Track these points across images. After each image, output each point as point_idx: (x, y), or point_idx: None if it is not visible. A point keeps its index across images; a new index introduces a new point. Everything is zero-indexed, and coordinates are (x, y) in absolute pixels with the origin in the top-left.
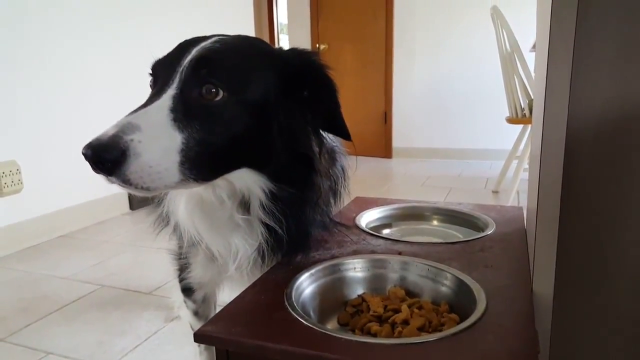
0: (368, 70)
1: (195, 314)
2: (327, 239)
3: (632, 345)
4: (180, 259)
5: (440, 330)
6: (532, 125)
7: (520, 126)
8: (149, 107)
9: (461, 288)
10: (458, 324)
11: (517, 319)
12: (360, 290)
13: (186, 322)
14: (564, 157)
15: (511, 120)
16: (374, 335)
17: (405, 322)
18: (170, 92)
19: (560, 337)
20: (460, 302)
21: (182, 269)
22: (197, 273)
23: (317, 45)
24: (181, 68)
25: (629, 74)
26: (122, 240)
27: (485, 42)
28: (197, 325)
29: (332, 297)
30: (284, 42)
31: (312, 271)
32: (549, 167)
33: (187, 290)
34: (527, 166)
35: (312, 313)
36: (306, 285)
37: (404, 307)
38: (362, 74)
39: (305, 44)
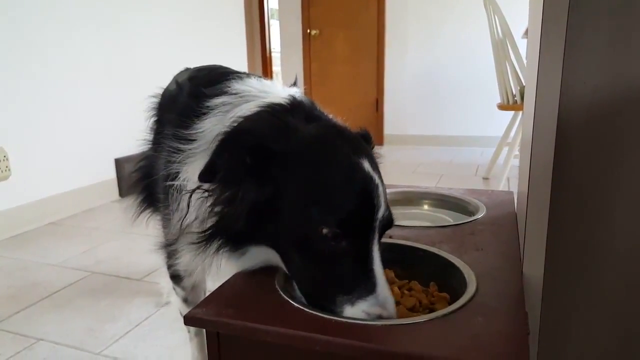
0: (360, 57)
1: (185, 301)
2: None
3: (620, 325)
4: (167, 246)
5: (432, 309)
6: (523, 110)
7: (511, 113)
8: (381, 290)
9: (451, 270)
10: (449, 302)
11: (508, 301)
12: None
13: (177, 307)
14: (555, 142)
15: (502, 107)
16: None
17: (397, 303)
18: (376, 262)
19: (550, 318)
20: (450, 284)
21: (170, 256)
22: (185, 260)
23: (308, 31)
24: (376, 229)
25: (621, 60)
26: (111, 227)
27: (477, 29)
28: (187, 312)
29: None
30: (274, 28)
31: None
32: (540, 151)
33: (176, 278)
34: (517, 153)
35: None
36: None
37: (395, 289)
38: (353, 61)
39: (296, 29)
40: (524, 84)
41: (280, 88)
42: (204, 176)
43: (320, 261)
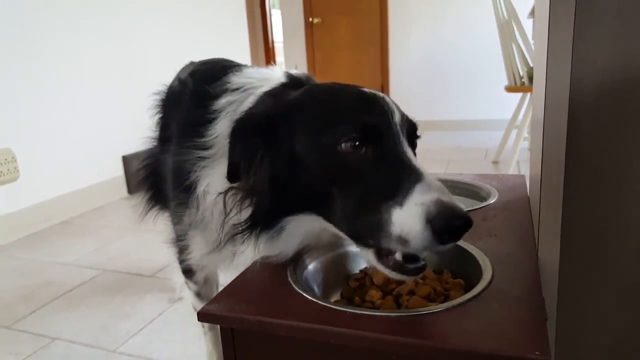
0: (363, 43)
1: (198, 295)
2: None
3: (638, 308)
4: (178, 241)
5: (447, 296)
6: (533, 91)
7: (519, 95)
8: (431, 179)
9: (465, 257)
10: (464, 288)
11: (524, 287)
12: (362, 265)
13: (190, 302)
14: (568, 122)
15: (510, 89)
16: (375, 303)
17: (411, 293)
18: (414, 160)
19: (567, 302)
20: (464, 271)
21: (181, 251)
22: (197, 254)
23: (310, 20)
24: (399, 133)
25: (630, 37)
26: (121, 224)
27: (482, 11)
28: (200, 306)
29: (335, 272)
30: (276, 18)
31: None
32: (552, 132)
33: (188, 272)
34: (527, 135)
35: (315, 288)
36: (309, 261)
37: None
38: (357, 48)
39: (298, 18)
40: (531, 66)
41: (280, 72)
42: (230, 176)
43: (355, 181)
